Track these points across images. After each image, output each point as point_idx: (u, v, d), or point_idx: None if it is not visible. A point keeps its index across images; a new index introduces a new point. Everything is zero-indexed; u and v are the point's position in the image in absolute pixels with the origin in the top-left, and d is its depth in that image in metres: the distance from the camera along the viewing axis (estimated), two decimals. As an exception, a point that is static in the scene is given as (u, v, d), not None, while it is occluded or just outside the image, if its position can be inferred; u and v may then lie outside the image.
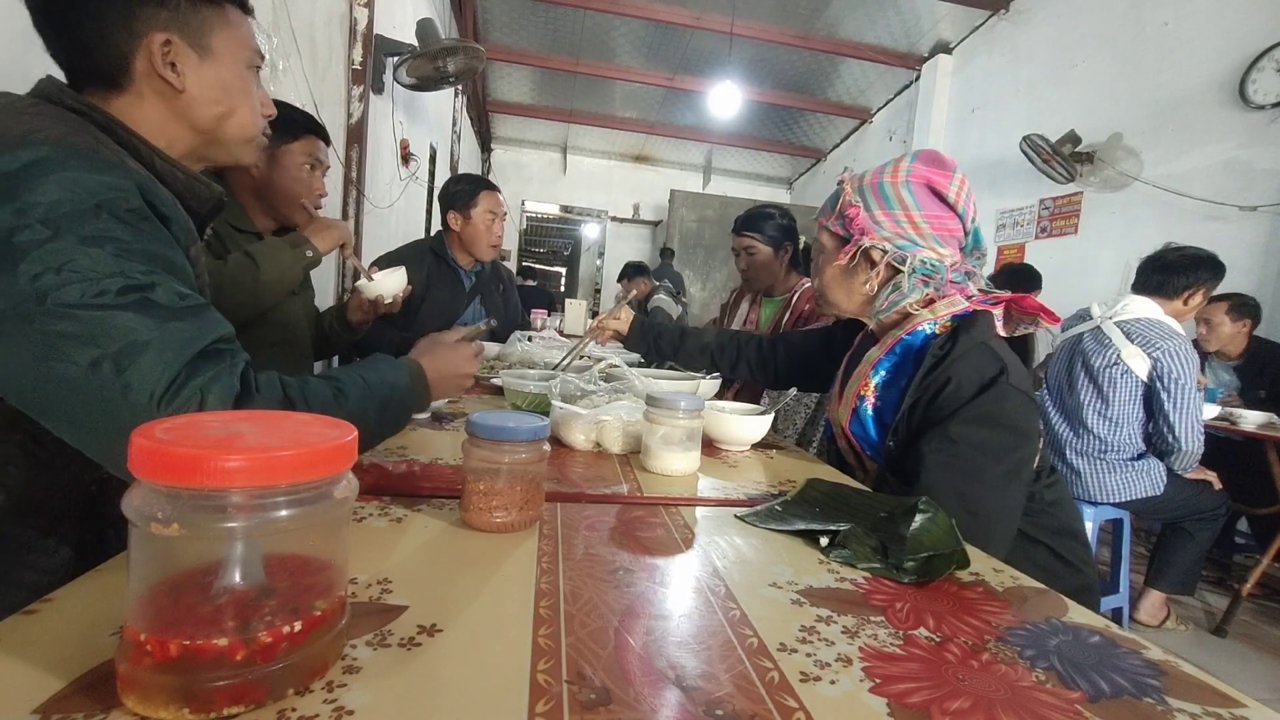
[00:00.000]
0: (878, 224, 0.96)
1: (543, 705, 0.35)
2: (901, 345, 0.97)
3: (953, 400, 0.86)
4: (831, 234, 1.03)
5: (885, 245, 0.96)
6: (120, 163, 0.62)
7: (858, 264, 1.00)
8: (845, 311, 1.06)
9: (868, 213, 0.97)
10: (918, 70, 5.49)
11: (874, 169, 1.00)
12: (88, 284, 0.53)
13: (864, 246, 0.97)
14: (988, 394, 0.85)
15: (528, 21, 5.35)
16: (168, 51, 0.68)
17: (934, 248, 0.95)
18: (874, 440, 0.98)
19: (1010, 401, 0.85)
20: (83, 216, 0.55)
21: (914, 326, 0.96)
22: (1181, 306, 2.06)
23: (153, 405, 0.53)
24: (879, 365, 0.98)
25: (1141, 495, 2.00)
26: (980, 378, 0.85)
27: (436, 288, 2.15)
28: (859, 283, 1.01)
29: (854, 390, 1.00)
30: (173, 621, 0.32)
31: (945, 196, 0.95)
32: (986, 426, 0.85)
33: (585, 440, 0.95)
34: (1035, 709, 0.38)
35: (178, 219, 0.65)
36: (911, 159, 0.97)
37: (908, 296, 0.96)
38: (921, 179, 0.95)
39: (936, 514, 0.62)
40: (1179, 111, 3.38)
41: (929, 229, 0.95)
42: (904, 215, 0.95)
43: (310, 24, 2.29)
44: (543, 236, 10.95)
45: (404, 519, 0.62)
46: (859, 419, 0.99)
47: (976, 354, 0.87)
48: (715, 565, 0.56)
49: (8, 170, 0.54)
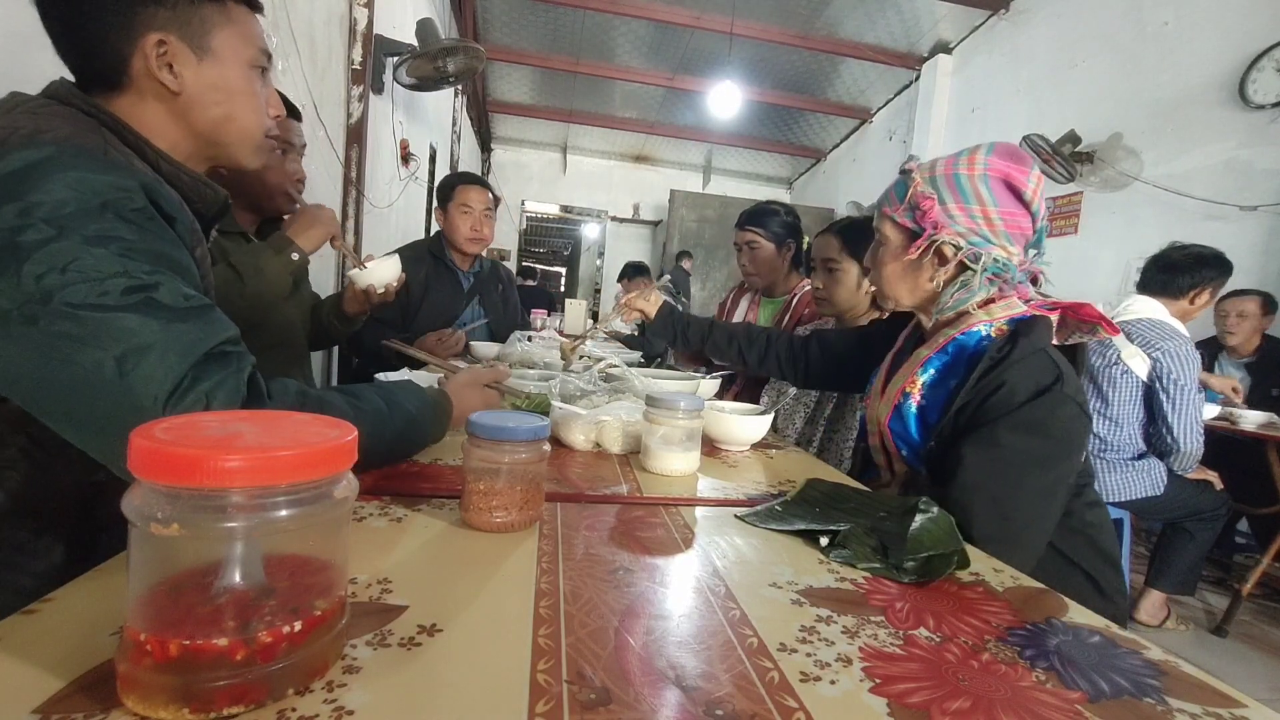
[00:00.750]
0: (952, 218, 0.92)
1: (543, 705, 0.35)
2: (954, 345, 0.93)
3: (1003, 404, 0.83)
4: (898, 225, 0.97)
5: (959, 241, 0.91)
6: (127, 163, 0.62)
7: (924, 259, 0.95)
8: (904, 306, 1.01)
9: (942, 205, 0.92)
10: (918, 70, 5.49)
11: (945, 158, 0.95)
12: (91, 284, 0.52)
13: (938, 242, 0.92)
14: (1040, 401, 0.82)
15: (528, 21, 5.35)
16: (163, 52, 0.67)
17: (1005, 246, 0.91)
18: (914, 439, 0.95)
19: (1063, 411, 0.82)
20: (87, 216, 0.54)
21: (969, 326, 0.92)
22: (1188, 306, 2.05)
23: (158, 407, 0.53)
24: (928, 363, 0.95)
25: (1142, 495, 2.00)
26: (1035, 384, 0.82)
27: (435, 288, 2.15)
28: (924, 278, 0.96)
29: (899, 387, 0.97)
30: (173, 621, 0.32)
31: (1022, 194, 0.91)
32: (1035, 434, 0.82)
33: (585, 440, 0.95)
34: (1035, 709, 0.38)
35: (183, 219, 0.65)
36: (988, 151, 0.92)
37: (975, 294, 0.92)
38: (1000, 173, 0.91)
39: (937, 514, 0.63)
40: (1179, 111, 3.38)
41: (1003, 226, 0.91)
42: (979, 210, 0.91)
43: (310, 24, 2.29)
44: (543, 236, 10.95)
45: (404, 519, 0.62)
46: (900, 416, 0.96)
47: (1034, 360, 0.84)
48: (715, 565, 0.56)
49: (13, 169, 0.54)
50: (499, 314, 2.33)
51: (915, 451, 0.96)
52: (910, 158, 1.05)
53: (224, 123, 0.73)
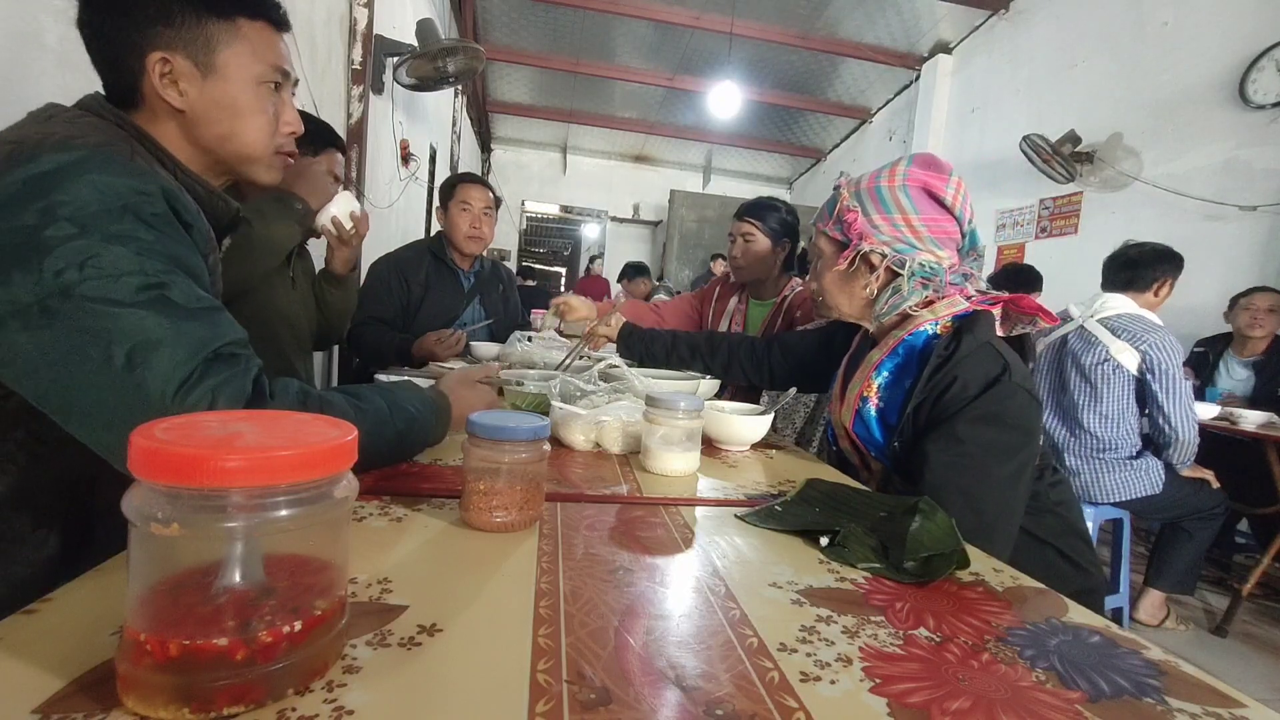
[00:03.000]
0: (876, 228, 0.97)
1: (543, 705, 0.35)
2: (904, 346, 0.97)
3: (958, 400, 0.86)
4: (830, 239, 1.03)
5: (884, 249, 0.97)
6: (151, 169, 0.64)
7: (857, 268, 1.00)
8: (846, 315, 1.06)
9: (865, 217, 0.98)
10: (917, 70, 5.49)
11: (870, 174, 1.00)
12: (107, 280, 0.54)
13: (863, 251, 0.98)
14: (992, 392, 0.85)
15: (528, 21, 5.36)
16: (167, 70, 0.69)
17: (932, 250, 0.96)
18: (878, 441, 0.98)
19: (1015, 400, 0.86)
20: (109, 216, 0.56)
21: (915, 327, 0.96)
22: (1153, 298, 2.12)
23: (165, 402, 0.54)
24: (881, 366, 0.99)
25: (1140, 495, 2.00)
26: (985, 376, 0.86)
27: (435, 288, 2.15)
28: (859, 286, 1.01)
29: (856, 391, 1.01)
30: (173, 621, 0.32)
31: (942, 200, 0.96)
32: (992, 425, 0.85)
33: (585, 440, 0.95)
34: (1035, 709, 0.38)
35: (200, 227, 0.67)
36: (908, 163, 0.98)
37: (907, 299, 0.97)
38: (918, 182, 0.96)
39: (936, 514, 0.63)
40: (1179, 111, 3.38)
41: (926, 232, 0.96)
42: (901, 219, 0.96)
43: (310, 24, 2.29)
44: (543, 236, 10.95)
45: (404, 519, 0.62)
46: (862, 420, 1.00)
47: (980, 353, 0.88)
48: (715, 565, 0.56)
49: (42, 171, 0.56)
50: (499, 314, 2.33)
51: (882, 452, 0.99)
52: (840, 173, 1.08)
53: (228, 140, 0.74)
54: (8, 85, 0.96)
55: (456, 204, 2.12)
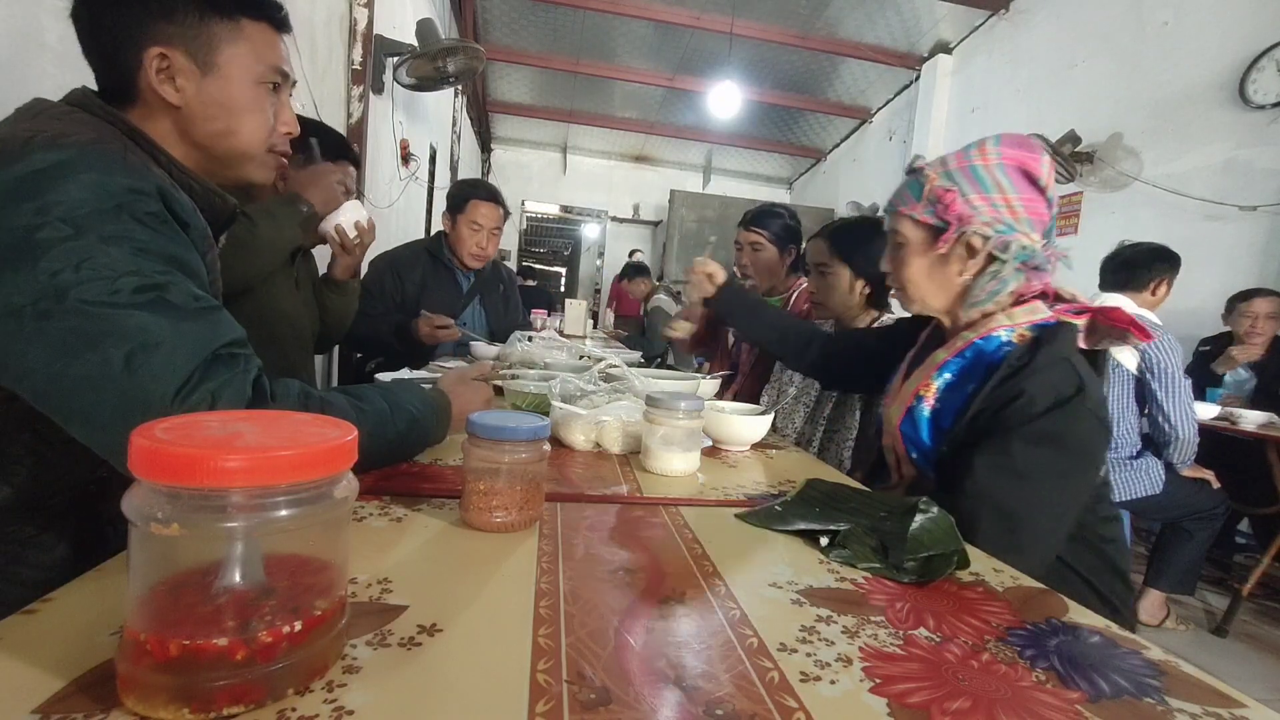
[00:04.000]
0: (975, 209, 0.90)
1: (543, 705, 0.35)
2: (973, 350, 0.91)
3: (1020, 414, 0.80)
4: (917, 223, 0.94)
5: (987, 230, 0.89)
6: (144, 167, 0.63)
7: (952, 253, 0.92)
8: (932, 307, 0.98)
9: (964, 198, 0.90)
10: (918, 70, 5.49)
11: (954, 154, 0.94)
12: (104, 281, 0.53)
13: (966, 233, 0.90)
14: (1059, 412, 0.79)
15: (528, 21, 5.35)
16: (165, 66, 0.68)
17: (1028, 233, 0.90)
18: (925, 444, 0.94)
19: (1081, 424, 0.80)
20: (103, 216, 0.56)
21: (989, 330, 0.91)
22: (1151, 298, 2.14)
23: (165, 404, 0.53)
24: (944, 367, 0.93)
25: (1141, 495, 2.01)
26: (1055, 394, 0.80)
27: (432, 289, 2.15)
28: (953, 273, 0.93)
29: (912, 389, 0.95)
30: (173, 621, 0.32)
31: (1038, 179, 0.90)
32: (1050, 446, 0.80)
33: (585, 440, 0.95)
34: (1035, 709, 0.38)
35: (196, 225, 0.66)
36: (996, 141, 0.91)
37: (1008, 285, 0.90)
38: (1014, 160, 0.90)
39: (937, 514, 0.63)
40: (1179, 111, 3.38)
41: (1024, 213, 0.89)
42: (1001, 199, 0.89)
43: (310, 24, 2.29)
44: (543, 236, 10.94)
45: (404, 519, 0.62)
46: (912, 419, 0.95)
47: (1056, 369, 0.82)
48: (715, 565, 0.56)
49: (34, 169, 0.55)
50: (500, 314, 2.33)
51: (925, 455, 0.94)
52: (916, 157, 1.03)
53: (223, 137, 0.74)
54: (8, 85, 0.96)
55: (467, 221, 2.11)
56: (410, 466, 0.78)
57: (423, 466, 0.79)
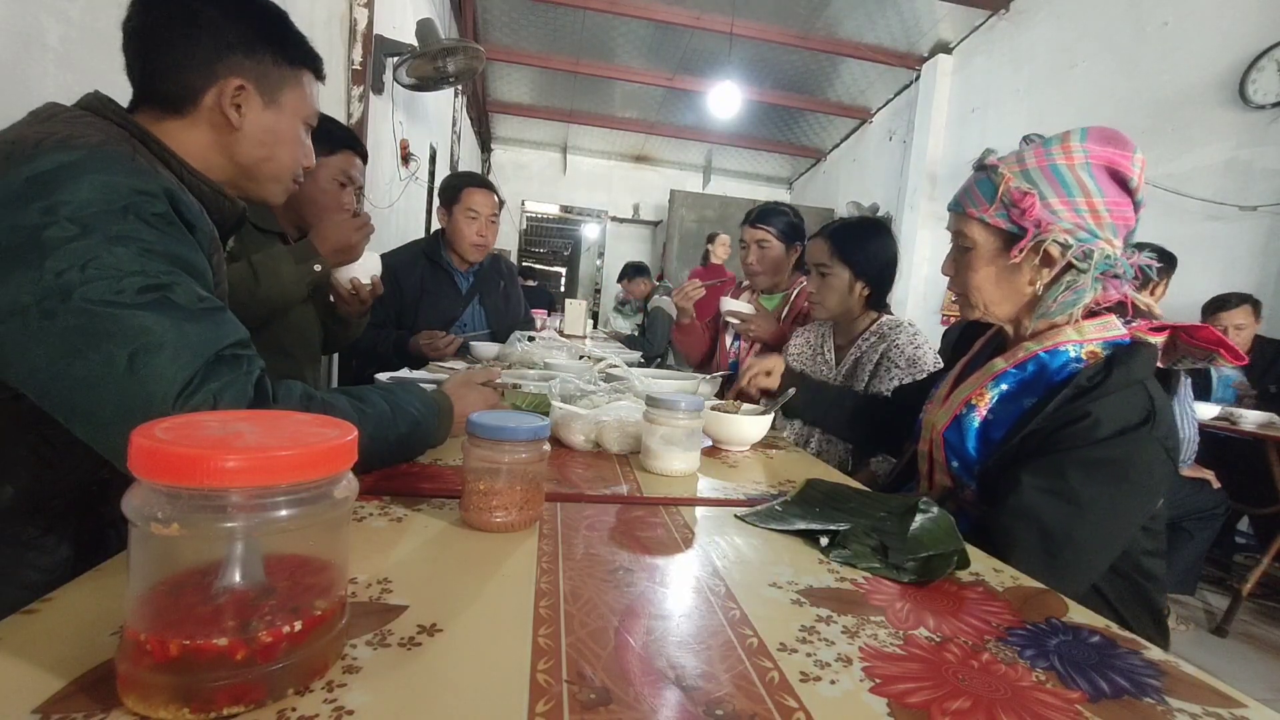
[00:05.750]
0: (1055, 214, 0.82)
1: (543, 705, 0.35)
2: (1035, 363, 0.85)
3: (1080, 437, 0.75)
4: (988, 226, 0.87)
5: (1067, 238, 0.81)
6: (152, 169, 0.65)
7: (1025, 262, 0.85)
8: (996, 316, 0.92)
9: (1043, 201, 0.82)
10: (918, 70, 5.49)
11: (1033, 149, 0.85)
12: (109, 281, 0.54)
13: (1044, 241, 0.82)
14: (1121, 439, 0.75)
15: (528, 21, 5.35)
16: (239, 95, 0.74)
17: (1110, 239, 0.82)
18: (969, 455, 0.88)
19: (1146, 454, 0.75)
20: (110, 217, 0.56)
21: (1056, 344, 0.84)
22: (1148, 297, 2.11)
23: (168, 405, 0.54)
24: (1002, 377, 0.87)
25: (1141, 495, 2.01)
26: (1123, 421, 0.75)
27: (430, 291, 2.13)
28: (1023, 282, 0.86)
29: (964, 396, 0.90)
30: (173, 621, 0.32)
31: (1129, 180, 0.82)
32: (1108, 473, 0.75)
33: (585, 440, 0.95)
34: (1035, 709, 0.38)
35: (203, 227, 0.68)
36: (1081, 137, 0.83)
37: (1084, 297, 0.83)
38: (1102, 159, 0.81)
39: (937, 514, 0.63)
40: (1179, 111, 3.38)
41: (1109, 218, 0.82)
42: (1085, 203, 0.81)
43: (310, 24, 2.29)
44: (543, 236, 10.93)
45: (404, 519, 0.62)
46: (959, 427, 0.89)
47: (1128, 394, 0.76)
48: (715, 565, 0.56)
49: (43, 170, 0.56)
50: (500, 313, 2.31)
51: (968, 467, 0.89)
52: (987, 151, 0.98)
53: (265, 161, 0.80)
54: (8, 86, 0.96)
55: (463, 210, 2.08)
56: (410, 466, 0.78)
57: (423, 466, 0.79)
